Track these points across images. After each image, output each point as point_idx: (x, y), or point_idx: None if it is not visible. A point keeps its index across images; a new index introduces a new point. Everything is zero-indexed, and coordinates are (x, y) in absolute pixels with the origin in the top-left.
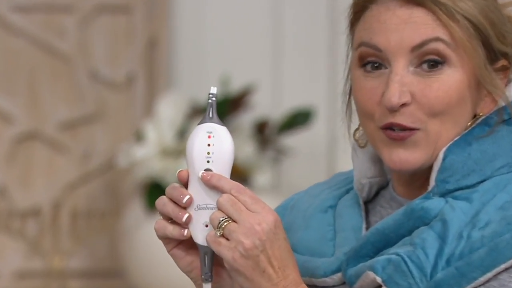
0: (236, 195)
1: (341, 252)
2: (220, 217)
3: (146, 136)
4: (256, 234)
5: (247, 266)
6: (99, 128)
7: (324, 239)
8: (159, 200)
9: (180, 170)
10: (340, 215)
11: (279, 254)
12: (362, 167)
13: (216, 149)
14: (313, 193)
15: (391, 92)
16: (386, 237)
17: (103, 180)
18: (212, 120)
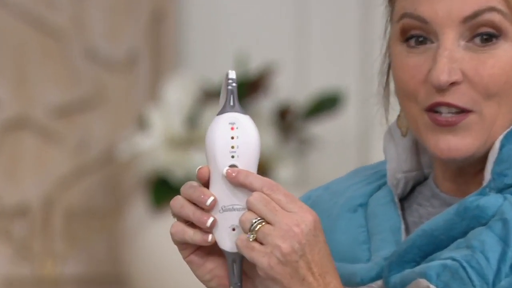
0: (268, 193)
1: (380, 256)
2: (252, 218)
3: (150, 123)
4: (294, 237)
5: (285, 273)
6: (97, 115)
7: (356, 243)
8: (175, 202)
9: (200, 167)
10: (374, 214)
11: (319, 259)
12: (397, 160)
13: (241, 142)
14: (336, 189)
15: (439, 69)
16: (435, 239)
17: (102, 174)
18: (234, 109)
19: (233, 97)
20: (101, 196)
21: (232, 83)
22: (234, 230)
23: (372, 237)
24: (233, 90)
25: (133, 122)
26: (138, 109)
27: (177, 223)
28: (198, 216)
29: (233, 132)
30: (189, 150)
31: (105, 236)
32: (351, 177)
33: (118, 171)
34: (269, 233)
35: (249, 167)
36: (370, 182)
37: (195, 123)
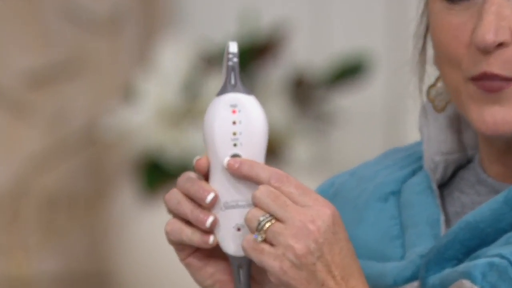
0: (277, 185)
1: (415, 254)
2: (260, 216)
3: (140, 94)
4: (310, 235)
5: (301, 278)
6: (76, 84)
7: (387, 237)
8: (171, 197)
9: (198, 158)
10: (409, 204)
11: (340, 260)
12: (435, 139)
13: (244, 128)
14: (363, 175)
15: (485, 27)
16: (480, 233)
17: (82, 154)
18: (235, 88)
19: (234, 74)
20: (82, 180)
21: (233, 58)
22: (239, 230)
23: (406, 231)
24: (234, 66)
25: (119, 93)
26: (125, 77)
27: (174, 220)
28: (197, 215)
29: (235, 116)
30: (187, 127)
31: (87, 227)
32: (381, 161)
33: (102, 151)
34: (280, 232)
35: (255, 156)
36: (404, 166)
37: (193, 94)
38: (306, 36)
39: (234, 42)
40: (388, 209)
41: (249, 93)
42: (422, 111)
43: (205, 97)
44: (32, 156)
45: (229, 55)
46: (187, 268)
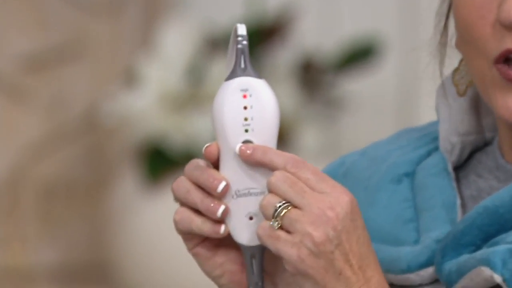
0: (293, 171)
1: (431, 238)
2: (276, 202)
3: (142, 78)
4: (328, 222)
5: (318, 267)
6: (76, 68)
7: (400, 220)
8: (179, 185)
9: (208, 145)
10: (423, 186)
11: (358, 249)
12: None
13: (256, 113)
14: (375, 155)
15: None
16: (499, 218)
17: (82, 141)
18: (245, 72)
19: (244, 57)
20: (82, 168)
21: (242, 41)
22: (252, 219)
23: (421, 214)
24: (243, 49)
25: (121, 78)
26: (127, 61)
27: (182, 209)
28: (207, 204)
29: (246, 100)
30: (190, 112)
31: (87, 217)
32: (394, 141)
33: (103, 138)
34: (297, 219)
35: (267, 142)
36: (418, 147)
37: (197, 79)
38: (315, 18)
39: (242, 25)
40: (401, 191)
41: (260, 77)
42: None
43: (210, 82)
44: (30, 143)
45: (238, 37)
46: (195, 258)
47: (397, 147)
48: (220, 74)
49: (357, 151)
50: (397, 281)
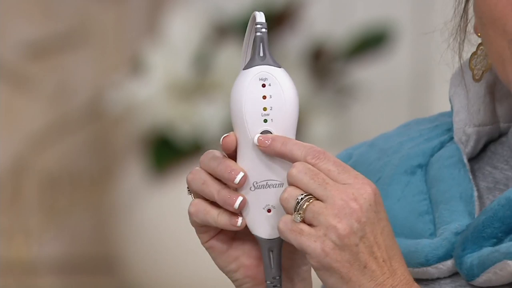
0: (314, 162)
1: (449, 231)
2: (298, 195)
3: (148, 66)
4: (352, 214)
5: (343, 260)
6: (80, 56)
7: (415, 213)
8: (195, 176)
9: (226, 135)
10: (438, 178)
11: (382, 241)
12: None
13: (275, 102)
14: (385, 147)
15: None
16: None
17: (87, 131)
18: (264, 61)
19: (263, 45)
20: (86, 158)
21: (261, 29)
22: (270, 211)
23: (437, 207)
24: (262, 37)
25: (126, 65)
26: (133, 49)
27: (198, 201)
28: (224, 196)
29: (265, 90)
30: (198, 101)
31: (91, 208)
32: (404, 132)
33: (108, 127)
34: (320, 212)
35: (286, 133)
36: (431, 138)
37: (205, 66)
38: (325, 4)
39: (260, 12)
40: (415, 183)
41: (279, 66)
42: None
43: (217, 70)
44: (33, 133)
45: (256, 25)
46: (210, 251)
47: (408, 138)
48: (229, 62)
49: (364, 143)
50: (414, 274)
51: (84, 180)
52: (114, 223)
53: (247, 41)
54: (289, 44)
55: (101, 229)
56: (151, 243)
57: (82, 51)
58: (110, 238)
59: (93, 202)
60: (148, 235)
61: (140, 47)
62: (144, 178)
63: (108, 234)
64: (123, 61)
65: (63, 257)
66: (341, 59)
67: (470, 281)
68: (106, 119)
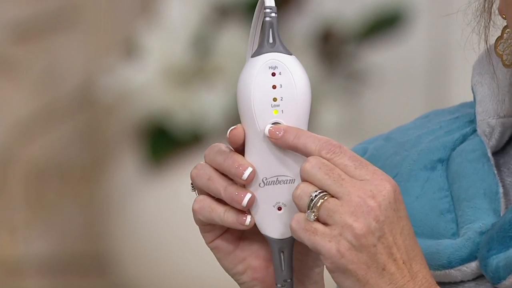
0: (329, 156)
1: (473, 230)
2: (311, 191)
3: (143, 49)
4: (370, 212)
5: (360, 262)
6: (69, 38)
7: (435, 211)
8: (200, 171)
9: (233, 128)
10: (461, 174)
11: (402, 241)
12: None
13: (286, 92)
14: (402, 140)
15: None
16: None
17: (77, 119)
18: (274, 47)
19: (272, 31)
20: (76, 149)
21: (271, 13)
22: (281, 209)
23: (459, 204)
24: (272, 22)
25: (119, 49)
26: (126, 31)
27: (203, 197)
28: (232, 192)
29: (275, 79)
30: (198, 87)
31: (82, 203)
32: (422, 124)
33: (99, 115)
34: (336, 210)
35: (298, 125)
36: (452, 131)
37: (204, 50)
38: None
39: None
40: (436, 179)
41: (290, 53)
42: (480, 64)
43: (218, 53)
44: (19, 121)
45: (265, 9)
46: (215, 252)
47: (428, 131)
48: (231, 45)
49: (379, 136)
50: (436, 277)
51: (74, 173)
52: (106, 219)
53: (255, 27)
54: (296, 26)
55: (92, 225)
56: (147, 241)
57: (72, 33)
58: (102, 235)
59: (84, 196)
60: (144, 233)
61: (134, 28)
62: (139, 170)
63: (100, 231)
64: (116, 43)
65: (51, 256)
66: (352, 42)
67: (496, 284)
68: (98, 106)
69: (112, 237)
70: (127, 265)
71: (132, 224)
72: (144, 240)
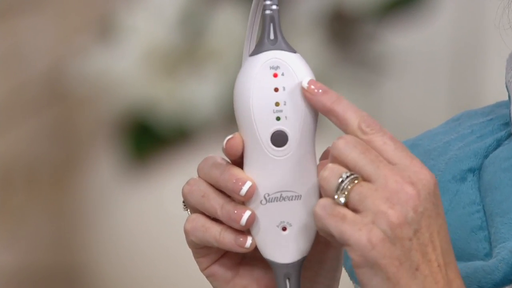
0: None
1: (508, 250)
2: (342, 172)
3: (123, 30)
4: (408, 201)
5: (392, 256)
6: (37, 17)
7: (466, 229)
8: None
9: (230, 137)
10: (494, 185)
11: (439, 241)
12: None
13: (289, 96)
14: (429, 148)
15: None
16: None
17: (46, 112)
18: (276, 45)
19: (273, 26)
20: (46, 147)
21: (272, 5)
22: (285, 230)
23: (493, 220)
24: (273, 15)
25: (95, 29)
26: (102, 9)
27: (196, 215)
28: (228, 210)
29: (277, 80)
30: (186, 75)
31: (52, 209)
32: (452, 129)
33: (72, 107)
34: (369, 195)
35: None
36: (484, 135)
37: (195, 31)
38: None
39: None
40: (466, 192)
41: (293, 51)
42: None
43: (211, 35)
44: None
45: (265, 1)
46: (211, 280)
47: (457, 136)
48: (225, 25)
49: (406, 142)
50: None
51: (44, 174)
52: (80, 228)
53: (252, 20)
54: (302, 4)
55: (64, 235)
56: (127, 253)
57: (39, 11)
58: (75, 246)
59: (55, 201)
60: (124, 243)
61: (112, 7)
62: (118, 172)
63: (73, 241)
64: (90, 24)
65: (17, 268)
66: (367, 22)
67: None
68: (70, 97)
69: (87, 248)
70: (104, 280)
71: (110, 233)
72: (124, 252)
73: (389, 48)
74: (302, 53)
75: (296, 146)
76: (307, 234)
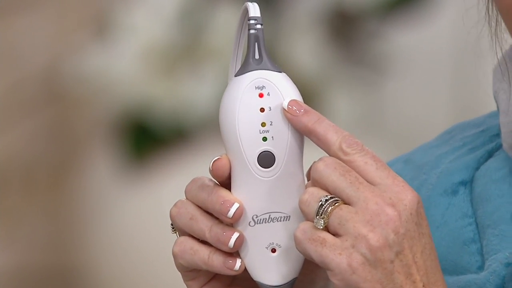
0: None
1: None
2: (322, 196)
3: (120, 28)
4: (388, 222)
5: (373, 279)
6: (34, 15)
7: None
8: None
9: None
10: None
11: (422, 261)
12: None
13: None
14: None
15: None
16: None
17: (43, 111)
18: (261, 64)
19: (258, 45)
20: (43, 147)
21: (256, 25)
22: (275, 251)
23: (484, 232)
24: (258, 35)
25: (92, 28)
26: (100, 7)
27: (184, 238)
28: (217, 232)
29: (263, 100)
30: (185, 74)
31: (49, 210)
32: (444, 142)
33: (69, 107)
34: (348, 218)
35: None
36: (476, 147)
37: (194, 28)
38: None
39: (254, 3)
40: (458, 205)
41: (279, 70)
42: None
43: (210, 33)
44: None
45: (249, 20)
46: None
47: (450, 149)
48: (225, 24)
49: (400, 158)
50: None
51: (40, 175)
52: (77, 229)
53: (237, 40)
54: (303, 2)
55: (61, 236)
56: (125, 254)
57: (37, 9)
58: (73, 247)
59: (52, 202)
60: (121, 244)
61: (109, 4)
62: (116, 171)
63: (70, 242)
64: (87, 22)
65: (14, 269)
66: (369, 22)
67: None
68: (67, 97)
69: (84, 249)
70: (101, 281)
71: (107, 234)
72: (121, 252)
73: (390, 47)
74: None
75: (284, 166)
76: (297, 256)
